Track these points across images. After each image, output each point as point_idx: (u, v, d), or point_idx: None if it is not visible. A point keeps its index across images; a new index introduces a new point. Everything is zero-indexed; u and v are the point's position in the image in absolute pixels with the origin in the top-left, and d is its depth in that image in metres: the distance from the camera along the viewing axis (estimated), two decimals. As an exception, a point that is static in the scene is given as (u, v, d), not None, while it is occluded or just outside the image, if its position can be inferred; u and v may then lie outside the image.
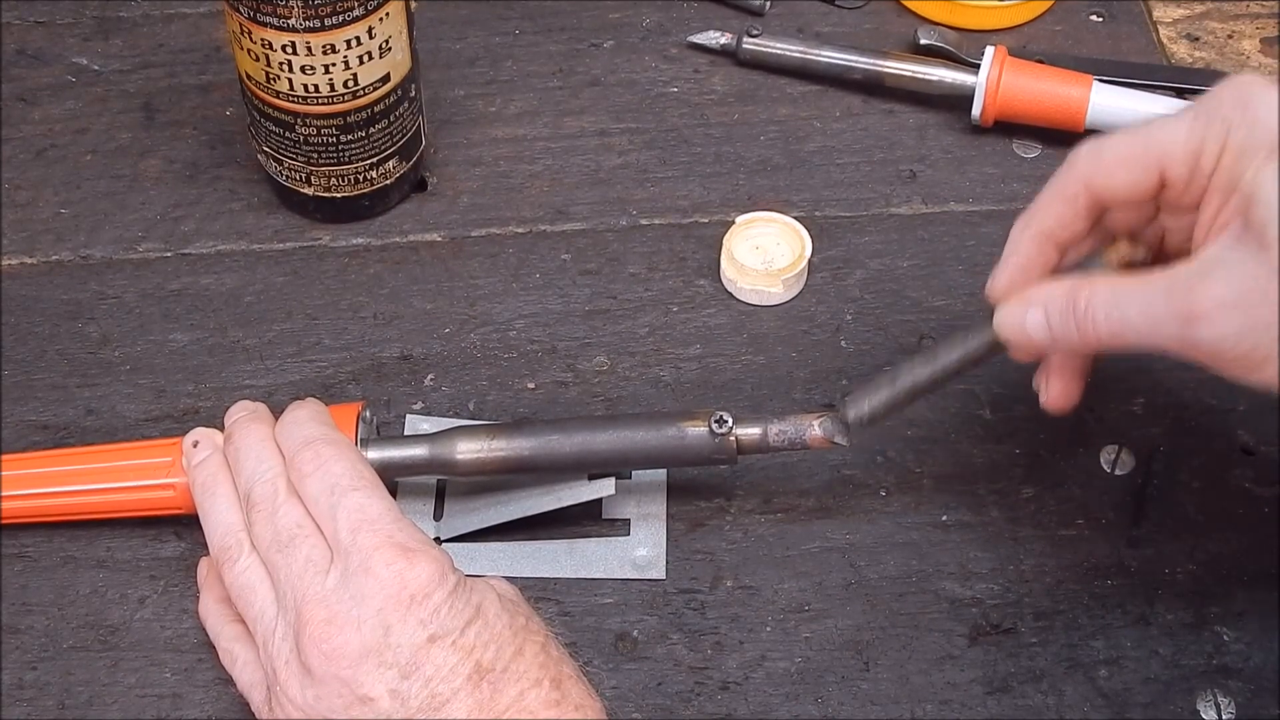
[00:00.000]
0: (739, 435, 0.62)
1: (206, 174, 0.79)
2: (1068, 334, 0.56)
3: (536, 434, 0.63)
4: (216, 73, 0.84)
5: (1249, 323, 0.51)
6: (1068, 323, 0.55)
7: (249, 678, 0.58)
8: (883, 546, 0.65)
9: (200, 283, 0.75)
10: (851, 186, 0.79)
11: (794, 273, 0.73)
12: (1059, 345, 0.57)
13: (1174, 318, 0.52)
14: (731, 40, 0.84)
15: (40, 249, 0.76)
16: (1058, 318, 0.56)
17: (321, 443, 0.59)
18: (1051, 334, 0.56)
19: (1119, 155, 0.56)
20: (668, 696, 0.61)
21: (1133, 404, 0.70)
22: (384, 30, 0.69)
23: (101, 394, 0.70)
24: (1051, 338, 0.56)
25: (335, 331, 0.73)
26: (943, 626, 0.63)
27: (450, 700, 0.52)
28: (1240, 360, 0.52)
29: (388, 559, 0.54)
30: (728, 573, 0.65)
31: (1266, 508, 0.66)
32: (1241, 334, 0.51)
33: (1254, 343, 0.51)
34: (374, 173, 0.75)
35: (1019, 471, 0.68)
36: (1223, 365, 0.52)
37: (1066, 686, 0.61)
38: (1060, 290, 0.56)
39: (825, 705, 0.61)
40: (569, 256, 0.76)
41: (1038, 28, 0.86)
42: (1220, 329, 0.51)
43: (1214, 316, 0.51)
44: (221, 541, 0.59)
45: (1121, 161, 0.56)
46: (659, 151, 0.80)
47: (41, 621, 0.63)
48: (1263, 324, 0.51)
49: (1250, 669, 0.62)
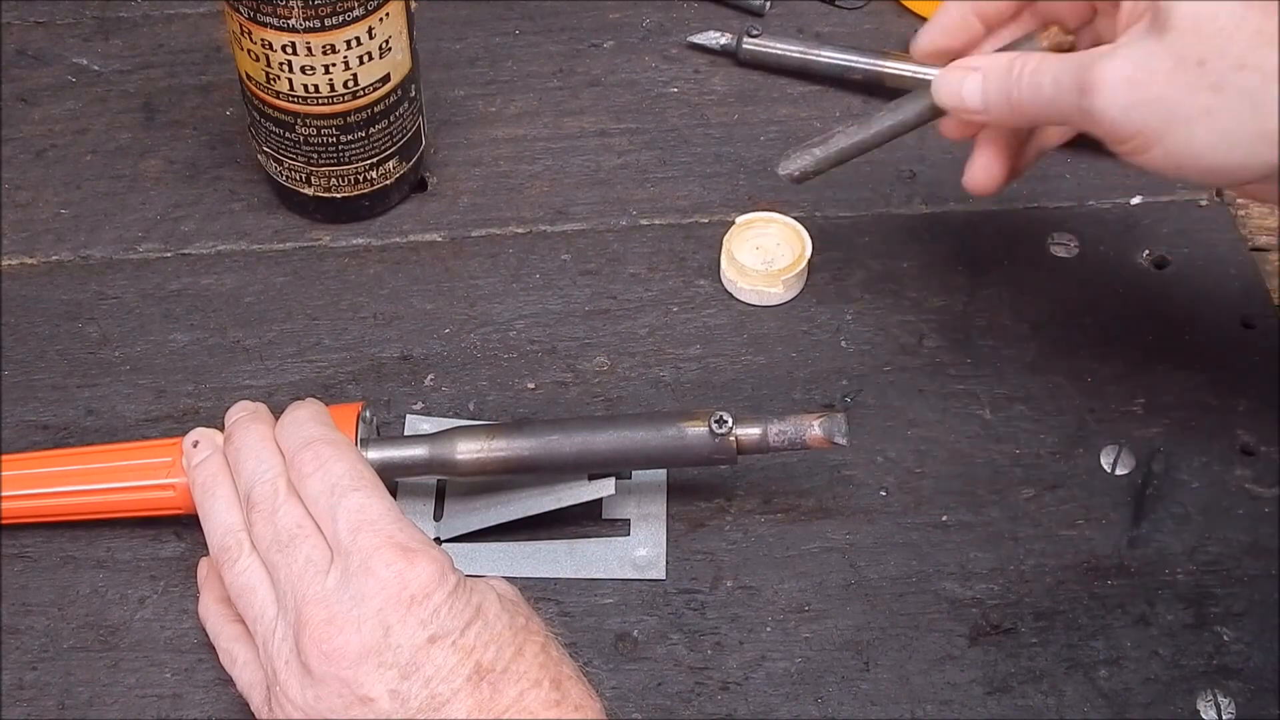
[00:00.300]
0: (739, 435, 0.62)
1: (206, 174, 0.79)
2: (999, 101, 0.60)
3: (536, 434, 0.63)
4: (216, 73, 0.84)
5: (1139, 98, 0.54)
6: (1002, 89, 0.59)
7: (249, 678, 0.58)
8: (883, 546, 0.65)
9: (200, 283, 0.75)
10: (852, 187, 0.79)
11: (794, 273, 0.73)
12: (990, 113, 0.61)
13: (1074, 88, 0.56)
14: (731, 40, 0.84)
15: (40, 249, 0.76)
16: (994, 85, 0.60)
17: (321, 443, 0.59)
18: (985, 100, 0.60)
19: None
20: (668, 697, 0.61)
21: (1133, 404, 0.70)
22: (384, 30, 0.69)
23: (101, 394, 0.70)
24: (985, 103, 0.60)
25: (335, 332, 0.73)
26: (943, 627, 0.63)
27: (450, 700, 0.52)
28: (1132, 139, 0.55)
29: (388, 559, 0.54)
30: (728, 573, 0.65)
31: (1266, 508, 0.66)
32: (1130, 107, 0.54)
33: (1143, 119, 0.54)
34: (374, 173, 0.75)
35: (1019, 471, 0.68)
36: (1115, 143, 0.56)
37: (1066, 687, 0.61)
38: (1001, 59, 0.60)
39: (825, 705, 0.61)
40: (569, 257, 0.76)
41: (1038, 28, 0.86)
42: (1110, 100, 0.55)
43: (1106, 88, 0.55)
44: (221, 541, 0.59)
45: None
46: (659, 152, 0.80)
47: (41, 621, 0.63)
48: (1152, 100, 0.54)
49: (1250, 669, 0.62)
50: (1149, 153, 0.55)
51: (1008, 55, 0.60)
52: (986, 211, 0.77)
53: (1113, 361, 0.65)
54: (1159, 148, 0.54)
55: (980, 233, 0.76)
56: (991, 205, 0.78)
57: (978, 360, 0.69)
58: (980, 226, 0.77)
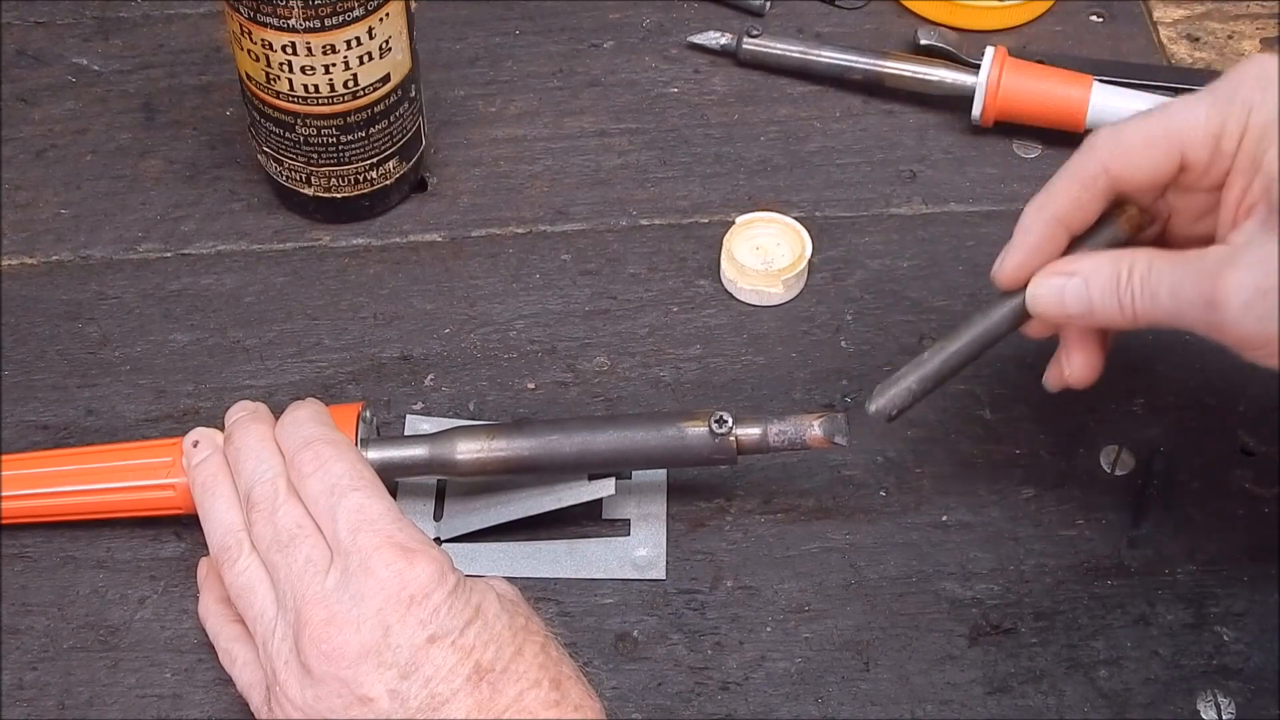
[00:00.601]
0: (739, 435, 0.62)
1: (206, 174, 0.79)
2: (1108, 306, 0.56)
3: (536, 434, 0.63)
4: (216, 73, 0.84)
5: (1272, 309, 0.51)
6: (1109, 295, 0.55)
7: (248, 678, 0.58)
8: (883, 547, 0.65)
9: (200, 283, 0.75)
10: (852, 187, 0.79)
11: (794, 273, 0.73)
12: (1095, 318, 0.57)
13: (1199, 302, 0.52)
14: (731, 40, 0.84)
15: (40, 249, 0.76)
16: (1100, 290, 0.56)
17: (321, 443, 0.59)
18: (1091, 306, 0.56)
19: (1139, 139, 0.56)
20: (668, 697, 0.61)
21: (1133, 404, 0.70)
22: (384, 30, 0.69)
23: (101, 394, 0.70)
24: (1090, 309, 0.56)
25: (335, 332, 0.73)
26: (943, 627, 0.63)
27: (450, 700, 0.52)
28: (1264, 345, 0.52)
29: (387, 559, 0.54)
30: (728, 573, 0.65)
31: (1266, 508, 0.66)
32: (1263, 320, 0.51)
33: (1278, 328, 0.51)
34: (374, 173, 0.75)
35: (1019, 471, 0.68)
36: (1248, 350, 0.52)
37: (1066, 687, 0.61)
38: (1105, 261, 0.56)
39: (825, 705, 0.61)
40: (569, 257, 0.76)
41: (1038, 28, 0.86)
42: (1242, 315, 0.51)
43: (1236, 303, 0.51)
44: (221, 541, 0.59)
45: (1142, 145, 0.56)
46: (659, 152, 0.80)
47: (41, 621, 0.63)
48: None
49: (1250, 669, 0.62)
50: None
51: (1109, 257, 0.56)
52: (986, 211, 0.77)
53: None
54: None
55: (980, 233, 0.76)
56: (992, 205, 0.78)
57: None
58: (980, 226, 0.77)
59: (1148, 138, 0.56)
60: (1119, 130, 0.57)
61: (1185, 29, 0.86)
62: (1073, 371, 0.61)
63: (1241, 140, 0.53)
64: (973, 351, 0.60)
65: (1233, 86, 0.54)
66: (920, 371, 0.61)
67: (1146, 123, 0.56)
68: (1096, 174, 0.57)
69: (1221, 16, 0.87)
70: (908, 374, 0.61)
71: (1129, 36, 0.86)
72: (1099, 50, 0.85)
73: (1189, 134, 0.55)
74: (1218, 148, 0.54)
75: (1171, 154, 0.55)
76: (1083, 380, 0.61)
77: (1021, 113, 0.79)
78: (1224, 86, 0.54)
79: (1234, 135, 0.54)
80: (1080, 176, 0.57)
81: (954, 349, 0.60)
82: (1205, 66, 0.84)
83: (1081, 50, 0.85)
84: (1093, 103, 0.78)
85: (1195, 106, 0.55)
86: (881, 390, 0.61)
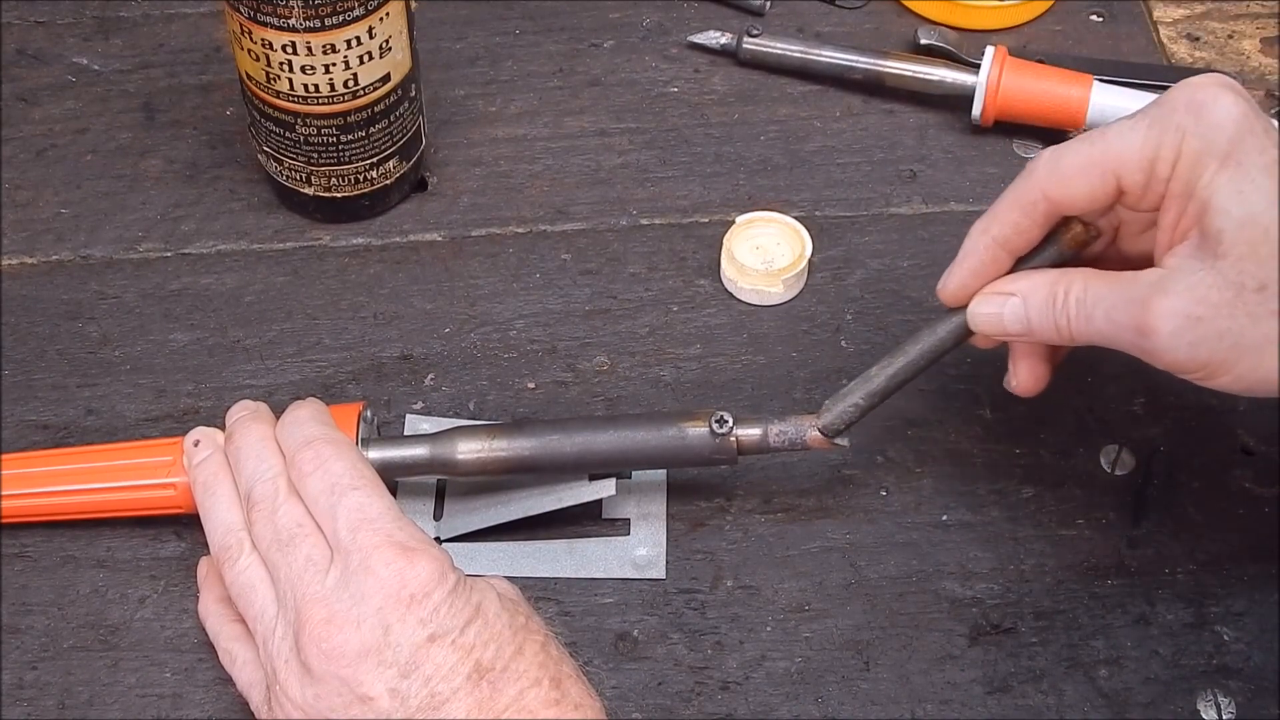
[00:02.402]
0: (739, 435, 0.62)
1: (206, 174, 0.79)
2: (1045, 326, 0.57)
3: (537, 434, 0.63)
4: (217, 73, 0.84)
5: (1202, 335, 0.52)
6: (1046, 316, 0.57)
7: (248, 677, 0.58)
8: (883, 546, 0.65)
9: (200, 283, 0.75)
10: (852, 186, 0.79)
11: (794, 273, 0.73)
12: (1034, 336, 0.58)
13: (1131, 328, 0.53)
14: (732, 40, 0.84)
15: (40, 249, 0.76)
16: (1037, 310, 0.57)
17: (322, 442, 0.59)
18: (1030, 325, 0.58)
19: (1076, 164, 0.56)
20: (668, 696, 0.61)
21: (1133, 404, 0.70)
22: (384, 30, 0.69)
23: (102, 394, 0.70)
24: (1029, 329, 0.58)
25: (335, 331, 0.73)
26: (943, 626, 0.63)
27: (450, 699, 0.52)
28: (1197, 370, 0.53)
29: (387, 558, 0.54)
30: (728, 572, 0.65)
31: (1266, 508, 0.66)
32: (1195, 345, 0.52)
33: (1209, 353, 0.52)
34: (374, 173, 0.75)
35: (1019, 471, 0.68)
36: (1181, 373, 0.54)
37: (1066, 686, 0.61)
38: (1042, 282, 0.57)
39: (825, 705, 0.61)
40: (569, 256, 0.76)
41: (1038, 28, 0.86)
42: (1172, 341, 0.52)
43: (1166, 330, 0.52)
44: (222, 541, 0.59)
45: (1079, 170, 0.56)
46: (659, 151, 0.80)
47: (41, 621, 0.63)
48: (1215, 334, 0.52)
49: (1250, 669, 0.62)
50: (1216, 380, 0.53)
51: (1046, 278, 0.57)
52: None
53: (1113, 361, 0.64)
54: (1227, 376, 0.52)
55: (980, 232, 0.76)
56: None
57: (978, 360, 0.68)
58: (980, 226, 0.77)
59: (1085, 163, 0.56)
60: (1057, 156, 0.57)
61: (1185, 28, 0.86)
62: (1019, 382, 0.62)
63: (1175, 166, 0.54)
64: (919, 367, 0.62)
65: (1167, 110, 0.54)
66: (867, 388, 0.62)
67: (1084, 147, 0.56)
68: (1036, 200, 0.57)
69: (1221, 16, 0.87)
70: (855, 390, 0.62)
71: (1129, 36, 0.86)
72: (1099, 50, 0.85)
73: (1124, 160, 0.55)
74: (1153, 172, 0.54)
75: (1107, 179, 0.56)
76: (1028, 390, 0.62)
77: (1021, 112, 0.79)
78: (1159, 109, 0.55)
79: (1168, 161, 0.54)
80: (1020, 202, 0.58)
81: (900, 364, 0.61)
82: (1205, 66, 0.84)
83: (1081, 50, 0.85)
84: (1093, 102, 0.78)
85: (1131, 131, 0.55)
86: (829, 406, 0.62)
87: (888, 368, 0.61)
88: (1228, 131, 0.53)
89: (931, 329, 0.61)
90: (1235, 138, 0.53)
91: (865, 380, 0.62)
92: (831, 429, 0.62)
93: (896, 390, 0.62)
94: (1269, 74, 0.84)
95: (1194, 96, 0.54)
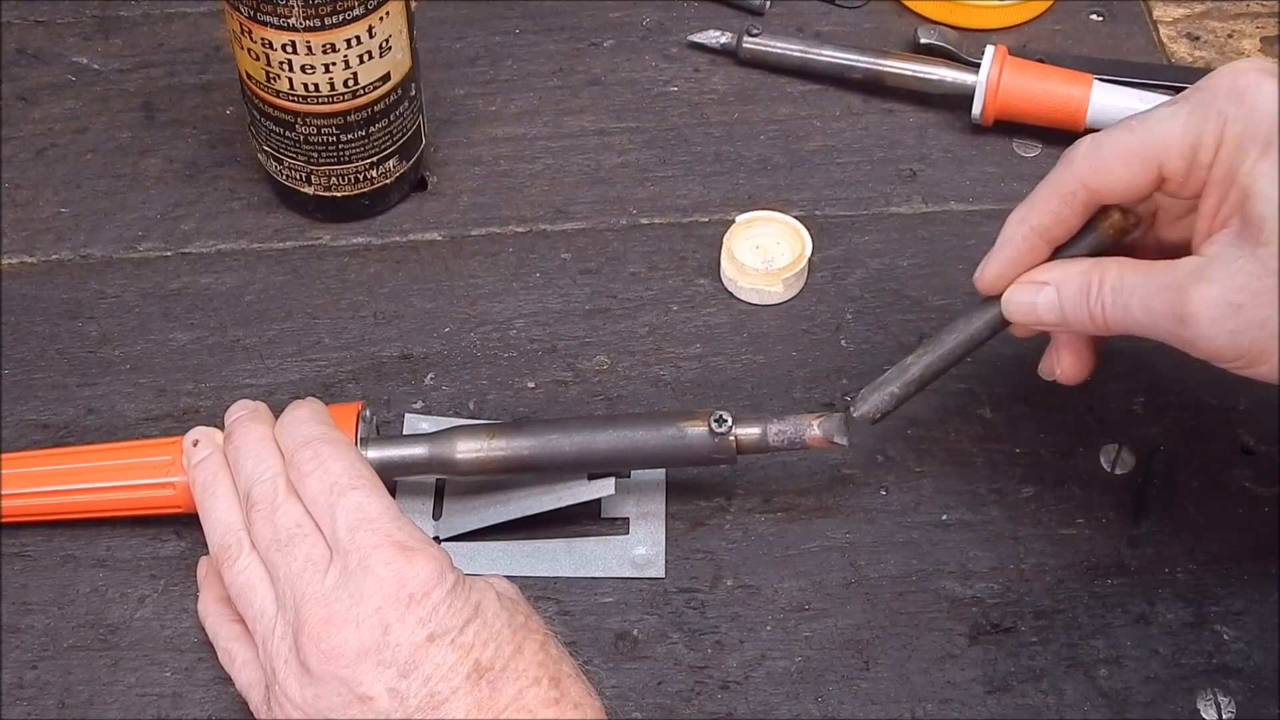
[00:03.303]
0: (739, 435, 0.62)
1: (206, 173, 0.79)
2: (1079, 316, 0.56)
3: (536, 433, 0.63)
4: (216, 72, 0.84)
5: (1243, 323, 0.51)
6: (1080, 305, 0.56)
7: (248, 677, 0.58)
8: (883, 545, 0.65)
9: (200, 282, 0.75)
10: (852, 186, 0.79)
11: (794, 272, 0.73)
12: (1069, 326, 0.57)
13: (1169, 316, 0.53)
14: (732, 39, 0.84)
15: (40, 248, 0.76)
16: (1071, 300, 0.56)
17: (320, 442, 0.59)
18: (1064, 315, 0.57)
19: (1116, 152, 0.56)
20: (668, 696, 0.61)
21: (1133, 404, 0.70)
22: (384, 29, 0.69)
23: (101, 393, 0.70)
24: (1063, 318, 0.57)
25: (335, 331, 0.73)
26: (943, 625, 0.63)
27: (449, 699, 0.52)
28: (1237, 359, 0.52)
29: (386, 558, 0.54)
30: (728, 572, 0.65)
31: (1266, 508, 0.66)
32: (1235, 334, 0.51)
33: (1249, 341, 0.51)
34: (374, 172, 0.75)
35: (1019, 471, 0.68)
36: (1220, 362, 0.53)
37: (1066, 686, 0.61)
38: (1076, 271, 0.56)
39: (825, 704, 0.61)
40: (569, 256, 0.76)
41: (1038, 27, 0.86)
42: (1212, 330, 0.52)
43: (1206, 318, 0.52)
44: (221, 540, 0.59)
45: (1119, 158, 0.55)
46: (659, 151, 0.80)
47: (41, 621, 0.63)
48: (1256, 323, 0.51)
49: (1250, 668, 0.62)
50: (1255, 369, 0.52)
51: (1080, 267, 0.56)
52: (986, 210, 0.77)
53: (1113, 361, 0.65)
54: (1266, 364, 0.52)
55: (980, 231, 0.76)
56: (992, 204, 0.78)
57: (978, 359, 0.68)
58: (980, 225, 0.77)
59: (1125, 151, 0.55)
60: (1097, 144, 0.56)
61: (1185, 28, 0.86)
62: (1063, 370, 0.62)
63: (1217, 152, 0.53)
64: (955, 356, 0.61)
65: (1208, 96, 0.54)
66: (904, 377, 0.62)
67: (1124, 135, 0.56)
68: (1075, 189, 0.57)
69: (1221, 15, 0.87)
70: (892, 379, 0.62)
71: (1129, 35, 0.86)
72: (1099, 49, 0.85)
73: (1166, 147, 0.54)
74: (1195, 159, 0.54)
75: (1149, 167, 0.55)
76: (1072, 378, 0.62)
77: (1021, 111, 0.79)
78: (1200, 95, 0.54)
79: (1210, 147, 0.53)
80: (1059, 191, 0.57)
81: (937, 354, 0.61)
82: (1205, 65, 0.84)
83: (1081, 49, 0.85)
84: (1093, 101, 0.78)
85: (1172, 118, 0.54)
86: (866, 395, 0.62)
87: (924, 357, 0.61)
88: (1270, 118, 0.52)
89: (967, 319, 0.61)
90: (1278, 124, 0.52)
91: (901, 370, 0.62)
92: (866, 418, 0.61)
93: (932, 380, 0.61)
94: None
95: (1236, 82, 0.53)
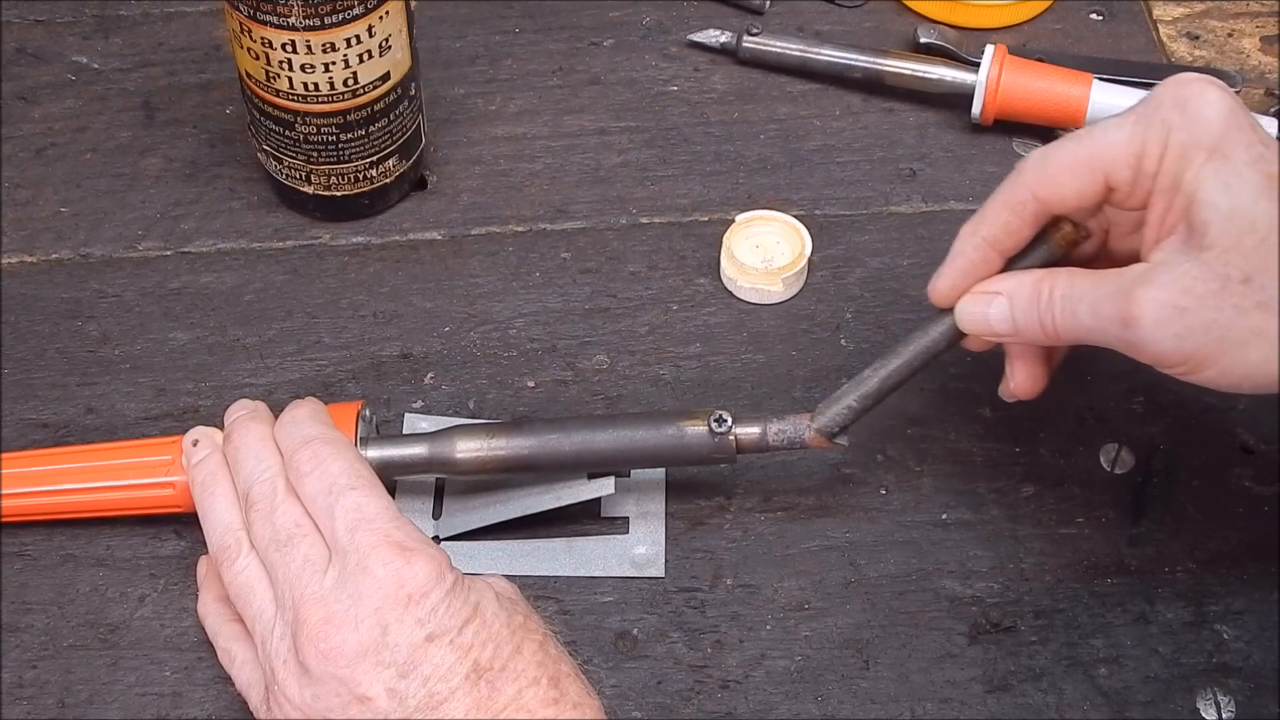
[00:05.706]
0: (738, 434, 0.62)
1: (206, 173, 0.79)
2: (1030, 326, 0.57)
3: (536, 433, 0.63)
4: (216, 71, 0.84)
5: (1188, 326, 0.52)
6: (1031, 315, 0.57)
7: (247, 677, 0.58)
8: (883, 545, 0.65)
9: (200, 281, 0.75)
10: (851, 185, 0.79)
11: (794, 271, 0.73)
12: (1021, 336, 0.58)
13: (1116, 320, 0.53)
14: (731, 39, 0.84)
15: (40, 248, 0.76)
16: (1022, 309, 0.57)
17: (320, 442, 0.59)
18: (1015, 325, 0.58)
19: (1064, 163, 0.56)
20: (668, 695, 0.61)
21: (1133, 403, 0.70)
22: (384, 29, 0.69)
23: (101, 392, 0.70)
24: (1015, 329, 0.58)
25: (335, 330, 0.73)
26: (943, 625, 0.63)
27: (448, 699, 0.52)
28: (1182, 363, 0.53)
29: (385, 558, 0.54)
30: (727, 571, 0.65)
31: (1266, 507, 0.66)
32: (1180, 338, 0.52)
33: (1195, 345, 0.52)
34: (374, 171, 0.75)
35: (1019, 470, 0.68)
36: (1165, 367, 0.53)
37: (1066, 685, 0.61)
38: (1027, 281, 0.57)
39: (825, 704, 0.61)
40: (569, 255, 0.76)
41: (1038, 26, 0.86)
42: (1156, 333, 0.52)
43: (1150, 321, 0.52)
44: (220, 540, 0.59)
45: (1067, 169, 0.56)
46: (659, 150, 0.80)
47: (41, 620, 0.63)
48: (1201, 326, 0.51)
49: (1250, 668, 0.62)
50: (1200, 374, 0.53)
51: (1031, 277, 0.57)
52: (986, 210, 0.77)
53: (1112, 360, 0.64)
54: (1211, 369, 0.52)
55: (980, 231, 0.76)
56: (991, 203, 0.78)
57: (978, 358, 0.68)
58: (980, 225, 0.77)
59: (1073, 161, 0.56)
60: (1045, 155, 0.57)
61: (1185, 27, 0.86)
62: (1016, 384, 0.62)
63: (1162, 160, 0.54)
64: (913, 368, 0.61)
65: (1153, 106, 0.55)
66: (861, 389, 0.62)
67: (1071, 146, 0.56)
68: (1025, 200, 0.57)
69: (1221, 15, 0.87)
70: (848, 392, 0.62)
71: (1129, 35, 0.86)
72: (1099, 48, 0.85)
73: (1112, 157, 0.55)
74: (1140, 168, 0.54)
75: (1096, 177, 0.56)
76: (1027, 392, 0.62)
77: (1021, 111, 0.79)
78: (1145, 106, 0.55)
79: (1154, 156, 0.54)
80: (1009, 202, 0.58)
81: (893, 366, 0.61)
82: (1205, 65, 0.84)
83: (1081, 48, 0.85)
84: (1092, 101, 0.78)
85: (1118, 128, 0.55)
86: (823, 409, 0.62)
87: (881, 369, 0.61)
88: (1214, 125, 0.53)
89: (924, 330, 0.61)
90: (1222, 131, 0.53)
91: (859, 382, 0.62)
92: (825, 431, 0.62)
93: (891, 392, 0.62)
94: (1268, 72, 0.83)
95: (1179, 92, 0.54)
